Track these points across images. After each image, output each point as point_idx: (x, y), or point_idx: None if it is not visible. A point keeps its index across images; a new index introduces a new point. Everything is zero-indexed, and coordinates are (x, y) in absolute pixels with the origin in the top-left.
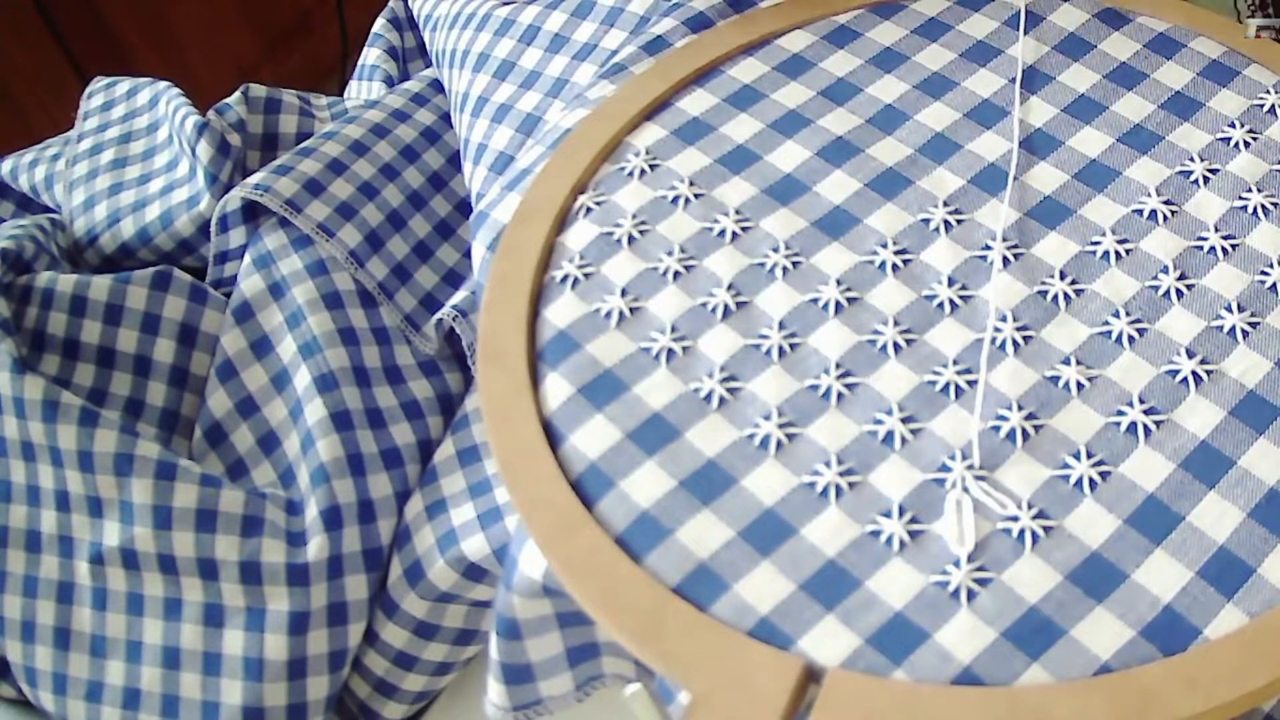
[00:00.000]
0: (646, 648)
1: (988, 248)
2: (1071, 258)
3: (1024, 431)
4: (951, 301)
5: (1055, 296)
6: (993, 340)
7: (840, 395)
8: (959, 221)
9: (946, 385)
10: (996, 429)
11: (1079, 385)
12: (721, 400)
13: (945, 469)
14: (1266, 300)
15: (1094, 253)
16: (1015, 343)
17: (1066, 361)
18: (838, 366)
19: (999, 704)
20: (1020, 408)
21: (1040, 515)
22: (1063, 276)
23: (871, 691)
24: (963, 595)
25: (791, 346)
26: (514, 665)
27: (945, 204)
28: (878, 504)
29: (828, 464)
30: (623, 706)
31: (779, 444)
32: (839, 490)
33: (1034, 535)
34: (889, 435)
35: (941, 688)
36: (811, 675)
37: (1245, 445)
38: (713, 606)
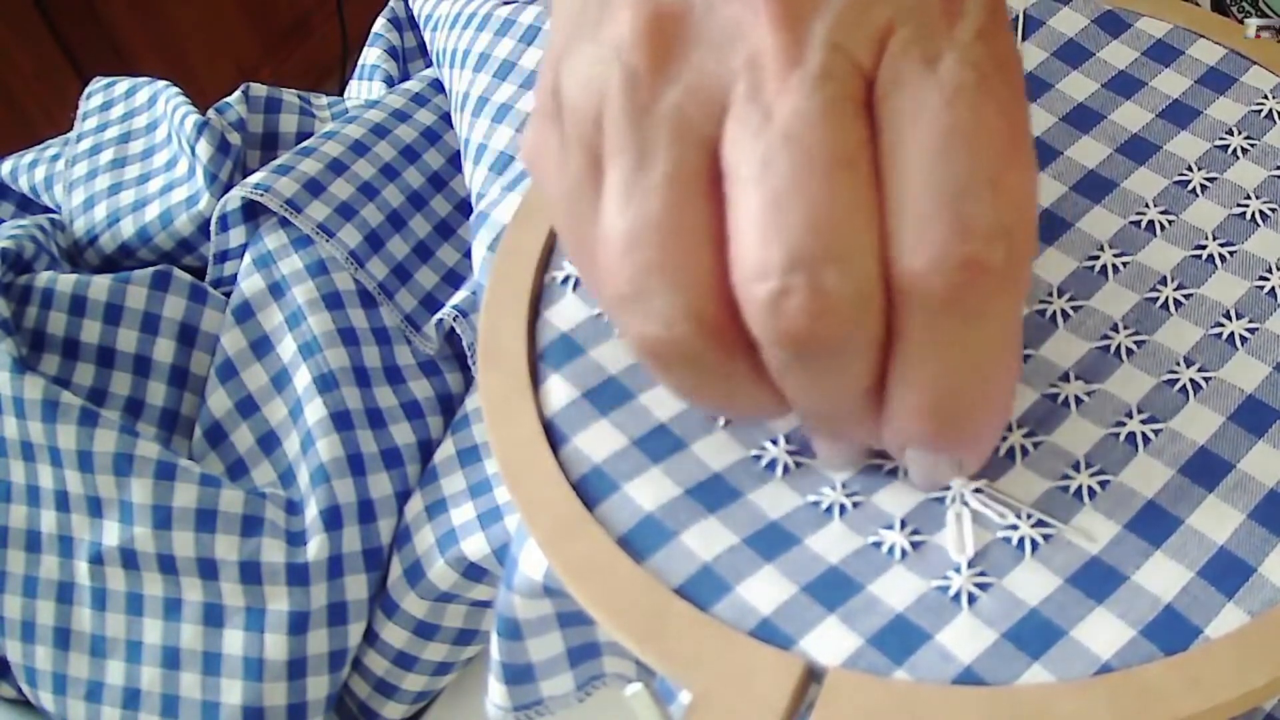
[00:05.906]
0: (647, 647)
1: None
2: (1070, 274)
3: (1024, 449)
4: None
5: (1053, 315)
6: None
7: None
8: None
9: None
10: (995, 448)
11: (1078, 400)
12: (729, 419)
13: (945, 487)
14: (1265, 305)
15: (1092, 268)
16: None
17: (1065, 378)
18: None
19: (1001, 703)
20: (1019, 426)
21: (1040, 524)
22: (1060, 294)
23: (873, 691)
24: (963, 598)
25: None
26: (515, 665)
27: None
28: (880, 519)
29: (833, 487)
30: (623, 706)
31: (785, 468)
32: (843, 508)
33: (1034, 542)
34: (894, 470)
35: (942, 687)
36: (812, 675)
37: (1244, 449)
38: (714, 607)
